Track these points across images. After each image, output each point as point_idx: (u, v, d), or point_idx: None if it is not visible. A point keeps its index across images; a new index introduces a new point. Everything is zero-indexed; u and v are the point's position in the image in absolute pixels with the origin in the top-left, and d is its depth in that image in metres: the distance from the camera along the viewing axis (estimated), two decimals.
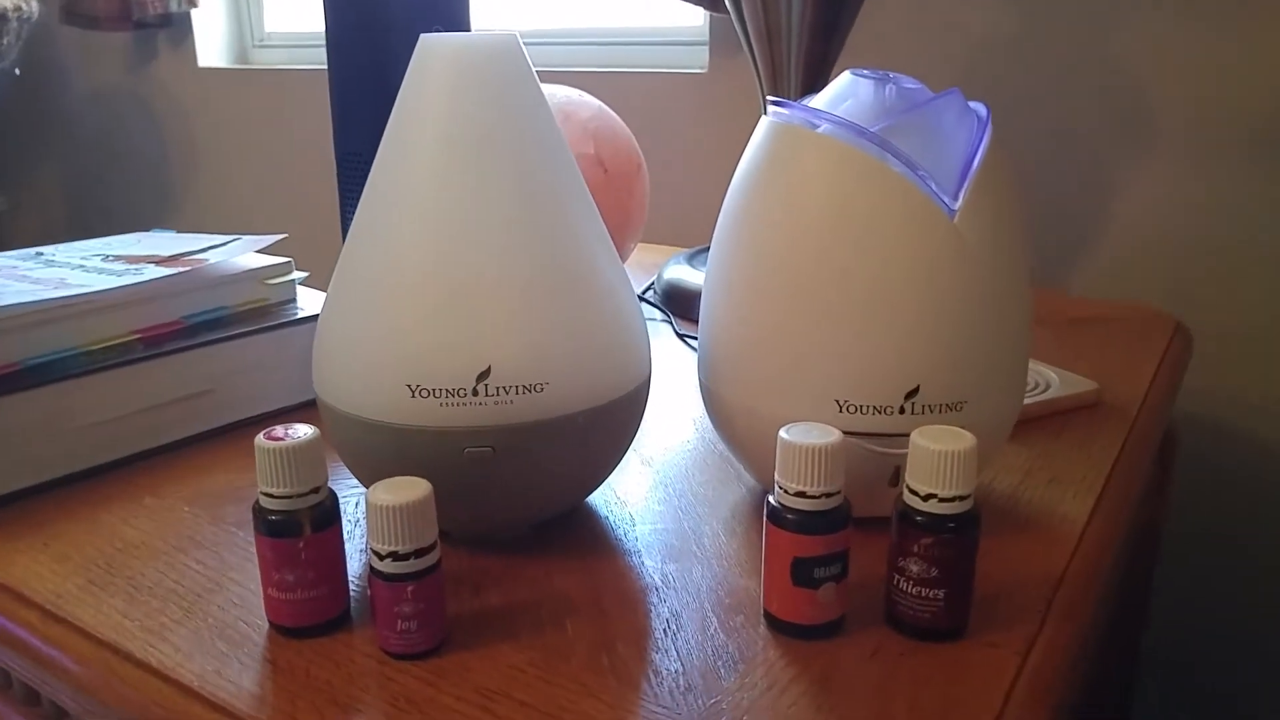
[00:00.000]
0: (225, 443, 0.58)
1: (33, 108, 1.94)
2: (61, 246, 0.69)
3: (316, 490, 0.39)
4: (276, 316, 0.63)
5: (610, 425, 0.45)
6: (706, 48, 1.14)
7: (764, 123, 0.47)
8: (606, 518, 0.49)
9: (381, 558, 0.37)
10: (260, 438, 0.38)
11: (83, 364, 0.54)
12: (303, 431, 0.38)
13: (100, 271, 0.60)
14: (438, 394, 0.41)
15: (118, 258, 0.64)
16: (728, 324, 0.46)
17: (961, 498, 0.37)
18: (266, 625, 0.40)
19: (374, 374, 0.42)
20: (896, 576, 0.39)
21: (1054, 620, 0.41)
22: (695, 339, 0.77)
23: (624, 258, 0.87)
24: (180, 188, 1.79)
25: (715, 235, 0.49)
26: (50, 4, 1.66)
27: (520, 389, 0.41)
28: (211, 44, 1.69)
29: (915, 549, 0.38)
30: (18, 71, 1.53)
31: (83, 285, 0.56)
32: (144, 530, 0.48)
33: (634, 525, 0.48)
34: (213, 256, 0.62)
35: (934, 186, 0.42)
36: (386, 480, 0.38)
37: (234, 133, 1.67)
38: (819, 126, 0.44)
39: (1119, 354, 0.73)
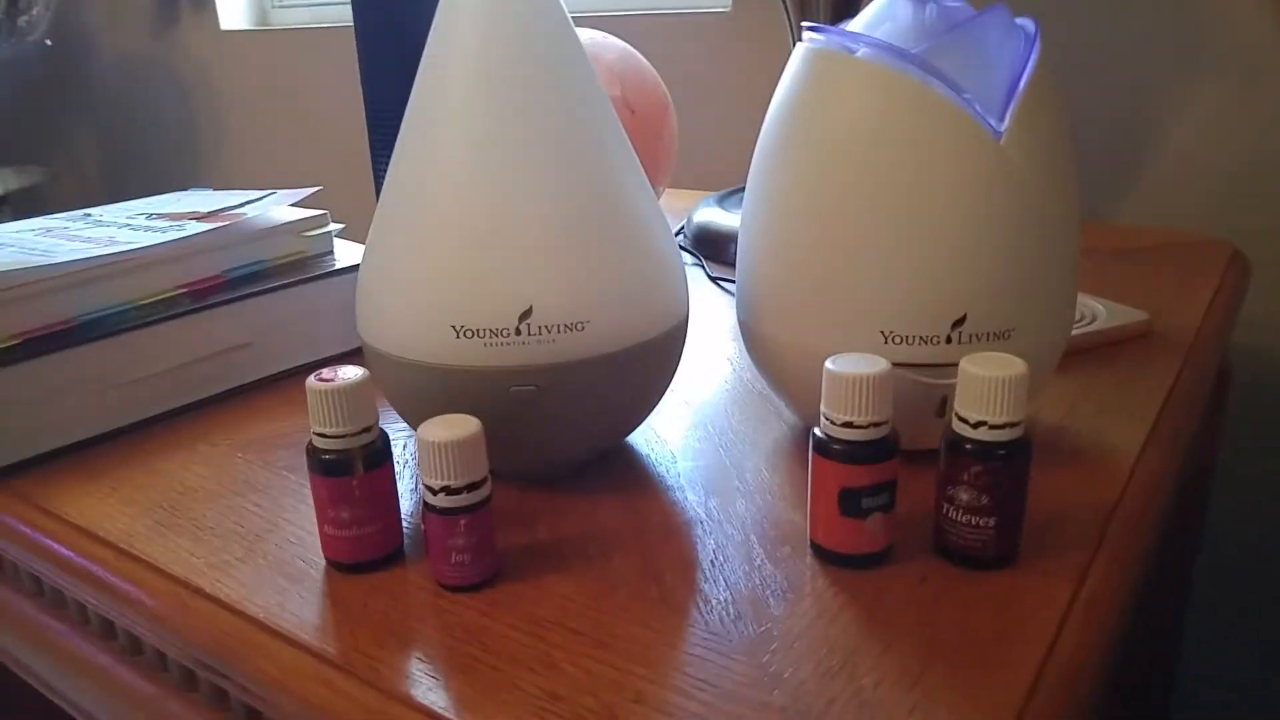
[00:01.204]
0: (269, 393, 0.59)
1: (64, 78, 1.96)
2: (108, 207, 0.69)
3: (368, 429, 0.39)
4: (315, 268, 0.63)
5: (650, 363, 0.45)
6: None
7: (799, 50, 0.46)
8: (648, 455, 0.49)
9: (435, 492, 0.37)
10: (311, 379, 0.39)
11: (134, 319, 0.55)
12: (352, 373, 0.39)
13: (146, 229, 0.60)
14: (481, 334, 0.41)
15: (161, 215, 0.65)
16: (767, 259, 0.46)
17: (1012, 424, 0.37)
18: (323, 562, 0.41)
19: (418, 317, 0.42)
20: (945, 505, 0.39)
21: (1108, 548, 0.40)
22: (729, 282, 0.77)
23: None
24: (210, 150, 1.80)
25: (751, 170, 0.48)
26: None
27: (562, 328, 0.42)
28: (233, 6, 1.69)
29: (965, 477, 0.38)
30: (49, 42, 1.54)
31: (131, 242, 0.57)
32: (201, 475, 0.49)
33: (675, 462, 0.49)
34: (250, 211, 0.63)
35: (979, 109, 0.41)
36: (437, 418, 0.38)
37: (259, 93, 1.68)
38: (857, 51, 0.43)
39: (1171, 284, 0.72)
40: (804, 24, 0.47)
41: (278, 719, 0.37)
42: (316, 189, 0.67)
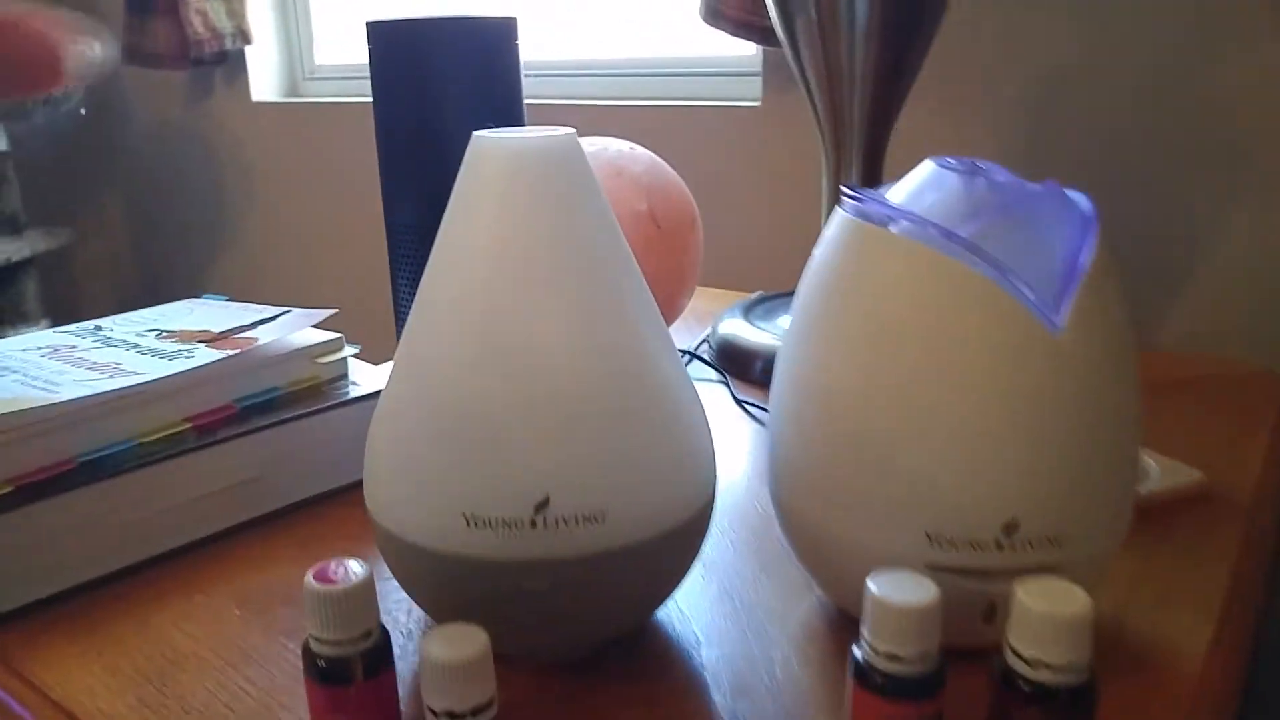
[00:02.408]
0: (275, 530, 0.57)
1: (98, 144, 1.97)
2: (119, 319, 0.68)
3: (368, 634, 0.36)
4: (329, 397, 0.61)
5: (674, 550, 0.42)
6: (760, 79, 1.10)
7: (838, 218, 0.44)
8: (671, 636, 0.46)
9: (437, 716, 0.34)
10: (310, 579, 0.36)
11: (137, 456, 0.52)
12: (354, 572, 0.36)
13: (154, 353, 0.58)
14: (494, 525, 0.38)
15: (169, 334, 0.63)
16: (802, 437, 0.43)
17: (1076, 667, 0.33)
18: None
19: (429, 501, 0.39)
20: None
21: None
22: (756, 406, 0.74)
23: (677, 314, 0.84)
24: (237, 218, 1.80)
25: (786, 335, 0.45)
26: (114, 45, 1.68)
27: (580, 519, 0.39)
28: (264, 78, 1.70)
29: (1019, 717, 0.34)
30: (84, 111, 1.55)
31: (136, 370, 0.54)
32: (194, 637, 0.47)
33: (699, 646, 0.45)
34: (263, 334, 0.60)
35: (1034, 299, 0.39)
36: (441, 629, 0.35)
37: (288, 163, 1.68)
38: (897, 223, 0.41)
39: (1222, 425, 0.68)
40: (842, 188, 0.45)
41: None
42: (333, 311, 0.65)
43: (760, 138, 1.12)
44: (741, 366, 0.80)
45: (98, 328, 0.66)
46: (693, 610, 0.48)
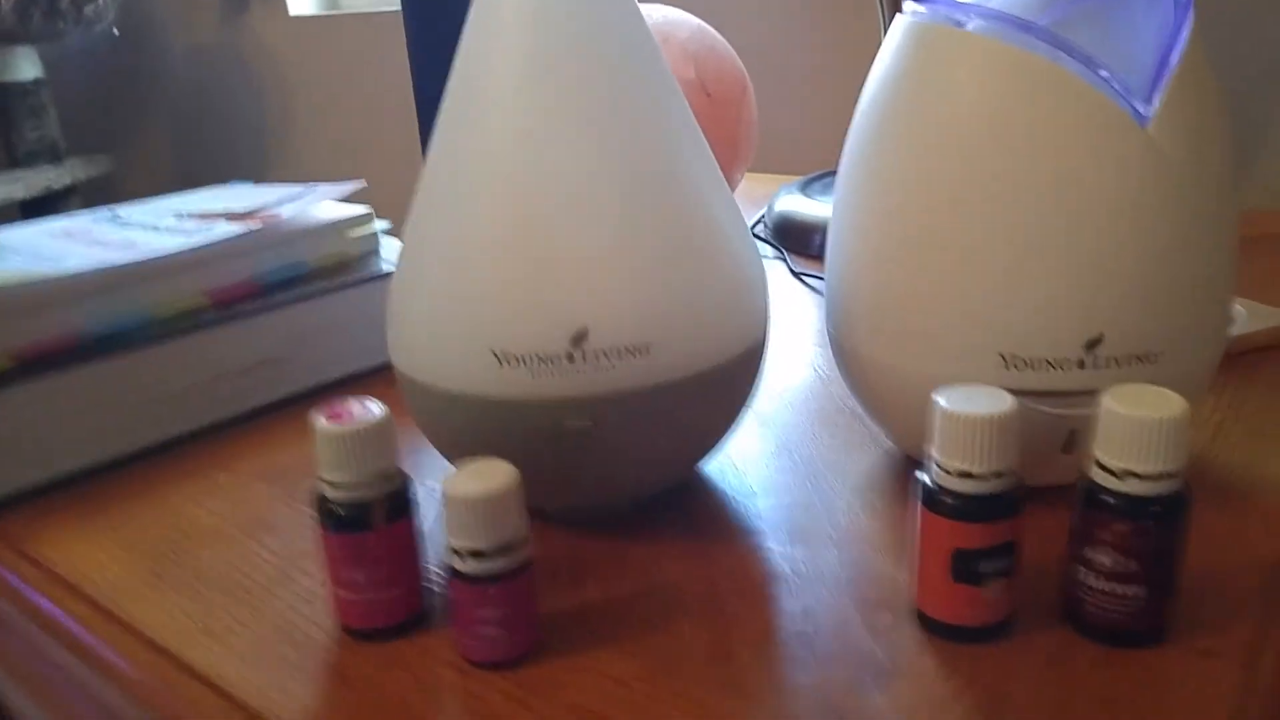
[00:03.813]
0: (301, 412, 0.54)
1: (134, 68, 1.95)
2: (138, 204, 0.65)
3: (387, 477, 0.33)
4: (358, 271, 0.58)
5: (724, 389, 0.38)
6: None
7: (901, 23, 0.39)
8: (722, 489, 0.43)
9: (461, 556, 0.31)
10: (319, 419, 0.33)
11: (150, 332, 0.50)
12: (370, 409, 0.33)
13: (172, 231, 0.56)
14: (528, 361, 0.35)
15: (191, 215, 0.60)
16: (863, 265, 0.39)
17: (1169, 475, 0.30)
18: (335, 625, 0.35)
19: (455, 340, 0.36)
20: (1081, 569, 0.32)
21: None
22: (813, 277, 0.70)
23: (734, 187, 0.79)
24: (277, 136, 1.78)
25: (844, 159, 0.41)
26: None
27: (622, 352, 0.35)
28: None
29: (1107, 536, 0.31)
30: (116, 31, 1.53)
31: (149, 247, 0.52)
32: (215, 511, 0.44)
33: (754, 497, 0.42)
34: (287, 210, 0.57)
35: (1121, 89, 0.34)
36: (466, 465, 0.32)
37: (327, 79, 1.64)
38: (968, 24, 0.36)
39: None
40: None
41: None
42: (359, 183, 0.61)
43: (816, 15, 1.05)
44: (799, 241, 0.76)
45: (114, 213, 0.63)
46: (746, 464, 0.45)
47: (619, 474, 0.38)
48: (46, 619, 0.39)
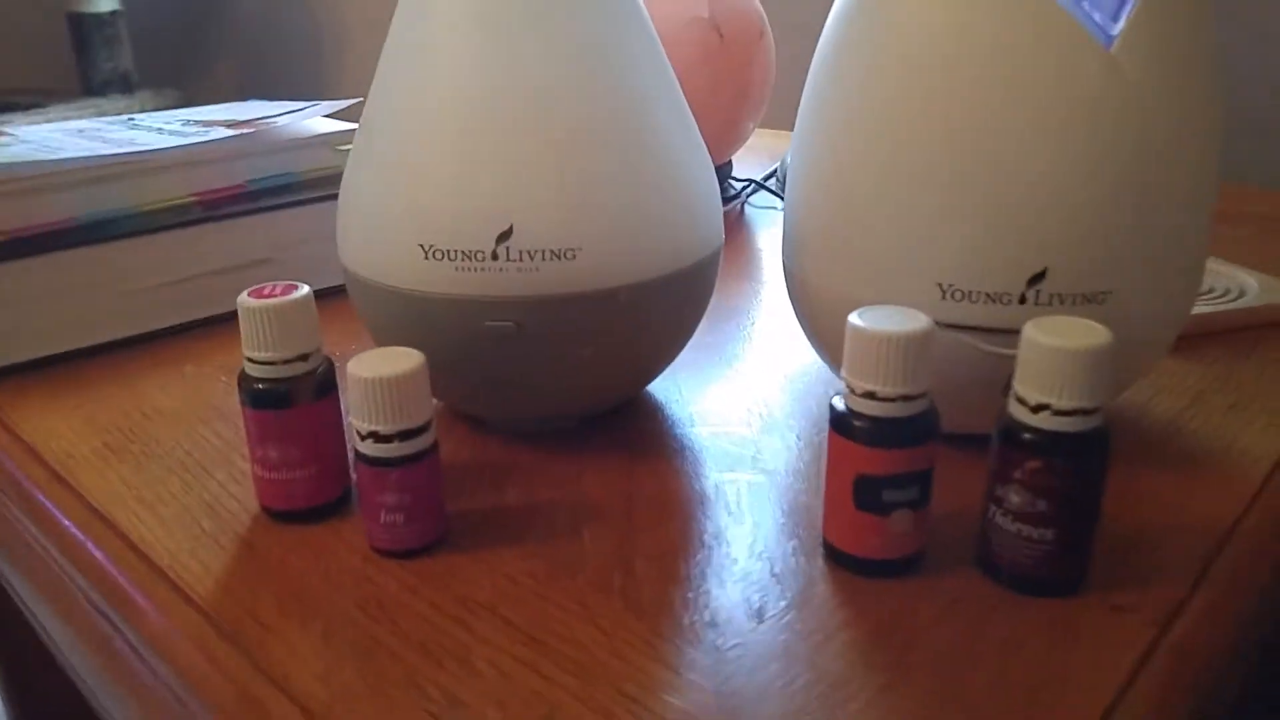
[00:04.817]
0: None
1: (206, 5, 1.99)
2: (157, 114, 0.66)
3: (304, 357, 0.34)
4: None
5: (662, 305, 0.38)
6: None
7: None
8: (666, 415, 0.42)
9: (363, 438, 0.31)
10: (243, 295, 0.33)
11: (138, 224, 0.51)
12: (293, 290, 0.33)
13: (174, 134, 0.57)
14: (452, 256, 0.35)
15: (198, 122, 0.61)
16: (812, 193, 0.38)
17: (1085, 411, 0.28)
18: (257, 507, 0.36)
19: (387, 234, 0.36)
20: (992, 508, 0.31)
21: (1216, 582, 0.31)
22: None
23: (740, 139, 0.78)
24: (333, 70, 1.80)
25: (804, 94, 0.40)
26: None
27: (548, 254, 0.35)
28: None
29: (1018, 474, 0.29)
30: None
31: (148, 145, 0.53)
32: (175, 397, 0.45)
33: (693, 425, 0.41)
34: (282, 121, 0.58)
35: (1085, 5, 0.32)
36: (375, 350, 0.32)
37: (376, 9, 1.66)
38: None
39: None
40: None
41: (155, 680, 0.32)
42: (357, 100, 0.62)
43: None
44: None
45: (131, 119, 0.64)
46: (695, 393, 0.44)
47: (548, 385, 0.38)
48: (8, 480, 0.40)
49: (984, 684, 0.27)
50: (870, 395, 0.29)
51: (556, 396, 0.39)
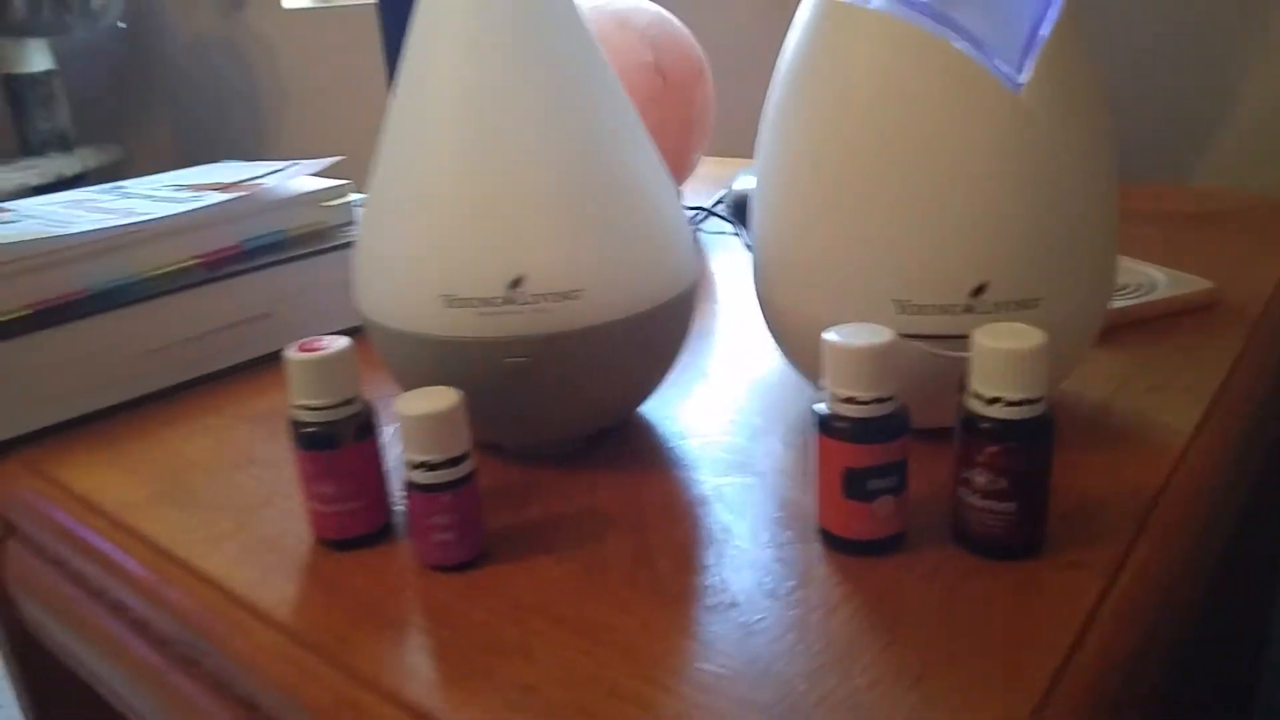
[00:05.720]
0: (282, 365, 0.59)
1: (139, 60, 2.00)
2: (142, 180, 0.70)
3: (349, 401, 0.38)
4: (334, 239, 0.62)
5: (652, 334, 0.43)
6: None
7: (809, 1, 0.43)
8: (660, 431, 0.47)
9: (414, 468, 0.36)
10: (290, 349, 0.37)
11: (145, 289, 0.54)
12: (335, 343, 0.38)
13: (167, 201, 0.60)
14: (472, 303, 0.39)
15: (186, 186, 0.64)
16: (777, 224, 0.43)
17: (1031, 401, 0.34)
18: (311, 538, 0.40)
19: (409, 285, 0.41)
20: (962, 489, 0.36)
21: (1150, 538, 0.37)
22: None
23: (689, 170, 0.83)
24: (274, 126, 1.82)
25: (761, 128, 0.45)
26: None
27: (556, 296, 0.39)
28: None
29: (980, 458, 0.35)
30: (122, 24, 1.58)
31: (147, 213, 0.56)
32: (204, 449, 0.49)
33: (686, 439, 0.46)
34: (269, 182, 0.62)
35: (996, 60, 0.38)
36: (418, 390, 0.36)
37: (320, 70, 1.69)
38: (869, 1, 0.40)
39: (1243, 251, 0.66)
40: None
41: (250, 696, 0.36)
42: (338, 158, 0.66)
43: (776, 2, 1.09)
44: None
45: (119, 187, 0.68)
46: (683, 410, 0.49)
47: (558, 411, 0.43)
48: (66, 531, 0.43)
49: (967, 633, 0.32)
50: (851, 400, 0.35)
51: (566, 420, 0.43)
